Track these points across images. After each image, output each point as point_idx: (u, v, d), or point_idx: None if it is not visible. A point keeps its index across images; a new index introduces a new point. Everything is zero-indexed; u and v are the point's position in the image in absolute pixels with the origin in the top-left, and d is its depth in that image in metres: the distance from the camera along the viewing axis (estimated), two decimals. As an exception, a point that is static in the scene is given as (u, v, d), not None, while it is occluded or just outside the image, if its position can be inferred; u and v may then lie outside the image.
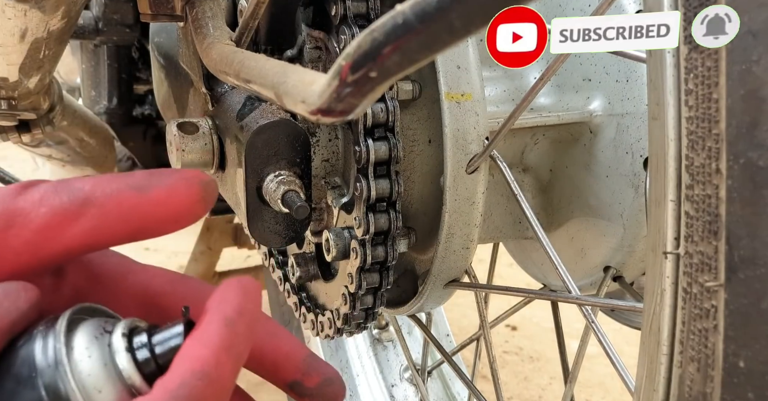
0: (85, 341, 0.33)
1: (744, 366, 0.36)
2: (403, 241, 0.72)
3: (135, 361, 0.33)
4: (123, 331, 0.34)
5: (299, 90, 0.36)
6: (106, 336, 0.34)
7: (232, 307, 0.33)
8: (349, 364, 1.24)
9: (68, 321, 0.34)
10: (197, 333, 0.33)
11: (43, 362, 0.32)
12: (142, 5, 0.66)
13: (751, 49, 0.34)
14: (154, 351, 0.34)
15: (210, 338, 0.32)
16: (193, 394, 0.31)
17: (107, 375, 0.33)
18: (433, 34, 0.26)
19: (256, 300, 0.35)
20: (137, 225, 0.36)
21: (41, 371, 0.32)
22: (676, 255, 0.39)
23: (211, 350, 0.32)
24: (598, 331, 0.63)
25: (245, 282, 0.35)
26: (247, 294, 0.34)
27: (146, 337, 0.34)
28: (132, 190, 0.35)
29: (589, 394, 1.65)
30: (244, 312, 0.34)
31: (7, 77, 0.79)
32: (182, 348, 0.33)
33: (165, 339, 0.34)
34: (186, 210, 0.36)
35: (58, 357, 0.32)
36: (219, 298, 0.34)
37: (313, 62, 0.69)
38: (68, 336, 0.33)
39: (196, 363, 0.32)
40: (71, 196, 0.35)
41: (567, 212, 0.79)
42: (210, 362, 0.32)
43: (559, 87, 0.77)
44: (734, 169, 0.35)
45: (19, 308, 0.33)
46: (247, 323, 0.34)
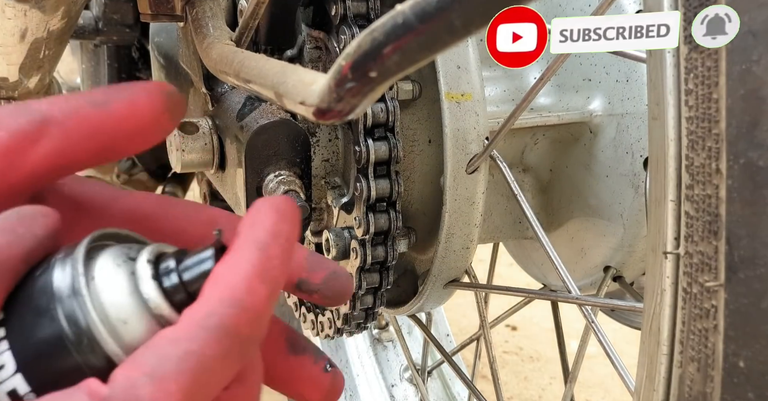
0: (106, 269, 0.31)
1: (744, 366, 0.36)
2: (403, 241, 0.72)
3: (162, 289, 0.31)
4: (148, 257, 0.31)
5: (299, 90, 0.36)
6: (130, 263, 0.31)
7: (264, 229, 0.31)
8: (349, 364, 1.24)
9: (87, 248, 0.31)
10: (227, 258, 0.30)
11: (61, 291, 0.30)
12: (142, 5, 0.66)
13: (751, 49, 0.34)
14: (183, 278, 0.31)
15: (241, 263, 0.30)
16: (224, 323, 0.29)
17: (132, 305, 0.30)
18: (433, 34, 0.26)
19: (291, 220, 0.32)
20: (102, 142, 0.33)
21: (60, 302, 0.29)
22: (676, 255, 0.39)
23: (242, 275, 0.30)
24: (598, 331, 0.63)
25: (279, 201, 0.32)
26: (281, 214, 0.32)
27: (174, 263, 0.31)
28: (92, 106, 0.33)
29: (589, 394, 1.65)
30: (279, 235, 0.31)
31: (7, 77, 0.79)
32: (211, 275, 0.30)
33: (194, 264, 0.31)
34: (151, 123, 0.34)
35: (76, 286, 0.30)
36: (250, 220, 0.32)
37: (313, 62, 0.69)
38: (88, 264, 0.31)
39: (225, 290, 0.29)
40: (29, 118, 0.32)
41: (567, 212, 0.79)
42: (241, 288, 0.29)
43: (559, 87, 0.77)
44: (734, 169, 0.35)
45: (35, 234, 0.31)
46: (282, 245, 0.31)
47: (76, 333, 0.29)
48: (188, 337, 0.29)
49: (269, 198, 0.33)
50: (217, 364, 0.29)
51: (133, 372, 0.28)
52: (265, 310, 0.30)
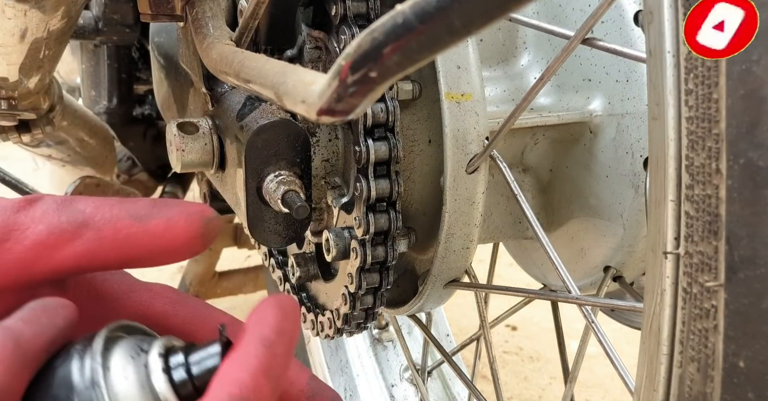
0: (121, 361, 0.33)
1: (744, 366, 0.36)
2: (403, 241, 0.72)
3: (171, 382, 0.33)
4: (159, 351, 0.34)
5: (299, 90, 0.36)
6: (143, 356, 0.34)
7: (270, 327, 0.33)
8: (349, 364, 1.24)
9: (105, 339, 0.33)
10: (235, 355, 0.32)
11: (80, 383, 0.32)
12: (142, 5, 0.66)
13: (751, 49, 0.34)
14: (191, 372, 0.33)
15: (248, 360, 0.32)
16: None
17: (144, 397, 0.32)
18: (433, 34, 0.26)
19: (294, 319, 0.34)
20: (132, 254, 0.36)
21: (79, 392, 0.32)
22: (676, 255, 0.39)
23: (250, 373, 0.31)
24: (598, 331, 0.63)
25: (283, 300, 0.34)
26: (285, 313, 0.34)
27: (182, 358, 0.34)
28: (131, 218, 0.35)
29: (589, 394, 1.65)
30: (283, 333, 0.33)
31: (7, 77, 0.79)
32: (220, 370, 0.32)
33: (202, 359, 0.33)
34: (183, 246, 0.36)
35: (95, 378, 0.32)
36: (257, 317, 0.34)
37: (313, 62, 0.69)
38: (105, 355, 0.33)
39: (234, 386, 0.31)
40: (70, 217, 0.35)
41: (567, 212, 0.79)
42: (248, 386, 0.31)
43: (559, 87, 0.77)
44: (734, 169, 0.35)
45: (56, 325, 0.33)
46: (286, 343, 0.33)
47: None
48: None
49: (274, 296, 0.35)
50: None
51: None
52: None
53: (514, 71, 0.80)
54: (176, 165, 0.70)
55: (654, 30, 0.39)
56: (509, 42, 0.80)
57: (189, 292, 1.69)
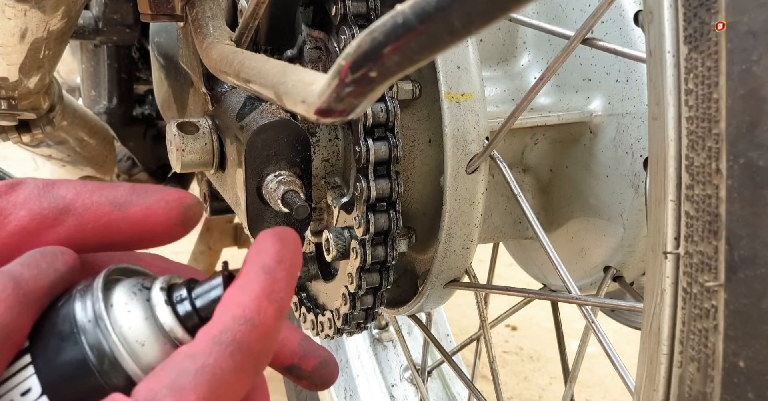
0: (123, 297, 0.34)
1: (744, 366, 0.36)
2: (403, 241, 0.72)
3: (176, 314, 0.34)
4: (161, 286, 0.34)
5: (299, 90, 0.36)
6: (145, 292, 0.34)
7: (269, 256, 0.34)
8: (349, 364, 1.24)
9: (105, 279, 0.34)
10: (237, 283, 0.33)
11: (83, 318, 0.32)
12: (142, 5, 0.66)
13: (751, 49, 0.34)
14: (195, 305, 0.34)
15: (250, 285, 0.33)
16: (237, 339, 0.31)
17: (149, 329, 0.33)
18: (433, 34, 0.26)
19: (294, 247, 0.35)
20: (112, 239, 0.36)
21: (82, 327, 0.32)
22: (676, 255, 0.39)
23: (252, 296, 0.32)
24: (598, 331, 0.63)
25: (281, 231, 0.35)
26: (284, 242, 0.35)
27: (186, 291, 0.34)
28: (111, 205, 0.36)
29: (589, 394, 1.65)
30: (283, 260, 0.34)
31: (7, 77, 0.79)
32: (223, 298, 0.33)
33: (205, 291, 0.34)
34: (163, 232, 0.37)
35: (97, 312, 0.32)
36: (256, 249, 0.35)
37: (313, 62, 0.69)
38: (106, 293, 0.34)
39: (237, 309, 0.32)
40: (52, 203, 0.35)
41: (567, 212, 0.79)
42: (251, 307, 0.32)
43: (559, 87, 0.77)
44: (734, 169, 0.35)
45: (57, 269, 0.34)
46: (287, 270, 0.34)
47: (98, 356, 0.32)
48: (204, 352, 0.31)
49: (273, 228, 0.36)
50: (232, 377, 0.31)
51: (154, 385, 0.30)
52: (274, 327, 0.33)
53: (514, 71, 0.80)
54: (176, 165, 0.70)
55: (654, 30, 0.39)
56: (509, 42, 0.80)
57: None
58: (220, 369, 0.31)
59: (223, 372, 0.31)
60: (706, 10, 0.35)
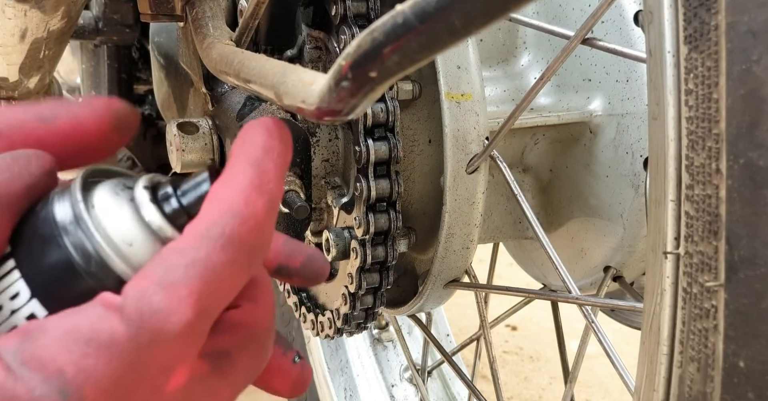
0: (105, 197, 0.32)
1: (744, 366, 0.36)
2: (403, 241, 0.72)
3: (163, 213, 0.32)
4: (145, 184, 0.33)
5: (299, 90, 0.36)
6: (128, 191, 0.32)
7: (255, 146, 0.33)
8: (349, 364, 1.24)
9: (83, 181, 0.32)
10: (222, 177, 0.32)
11: (64, 219, 0.31)
12: (142, 5, 0.66)
13: (751, 49, 0.34)
14: (182, 202, 0.32)
15: (236, 178, 0.31)
16: (226, 232, 0.30)
17: (135, 228, 0.31)
18: (433, 34, 0.26)
19: (281, 137, 0.34)
20: None
21: (63, 228, 0.31)
22: (676, 255, 0.39)
23: (239, 188, 0.31)
24: (598, 331, 0.63)
25: (267, 121, 0.34)
26: (270, 132, 0.33)
27: (171, 189, 0.33)
28: (37, 120, 0.34)
29: (589, 394, 1.65)
30: (270, 150, 0.33)
31: (7, 77, 0.79)
32: (208, 194, 0.32)
33: (191, 187, 0.33)
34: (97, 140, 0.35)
35: (77, 213, 0.31)
36: (241, 141, 0.33)
37: (313, 62, 0.69)
38: (85, 194, 0.32)
39: (224, 203, 0.31)
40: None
41: (567, 212, 0.79)
42: (239, 200, 0.31)
43: (559, 87, 0.77)
44: (734, 169, 0.35)
45: (31, 173, 0.32)
46: (275, 160, 0.33)
47: (83, 257, 0.30)
48: (193, 247, 0.30)
49: (258, 119, 0.34)
50: (225, 270, 0.30)
51: (143, 283, 0.29)
52: (265, 220, 0.31)
53: (514, 71, 0.80)
54: (176, 165, 0.70)
55: (654, 30, 0.39)
56: (509, 42, 0.80)
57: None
58: (211, 262, 0.30)
59: (215, 266, 0.30)
60: (706, 10, 0.35)
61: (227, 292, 0.31)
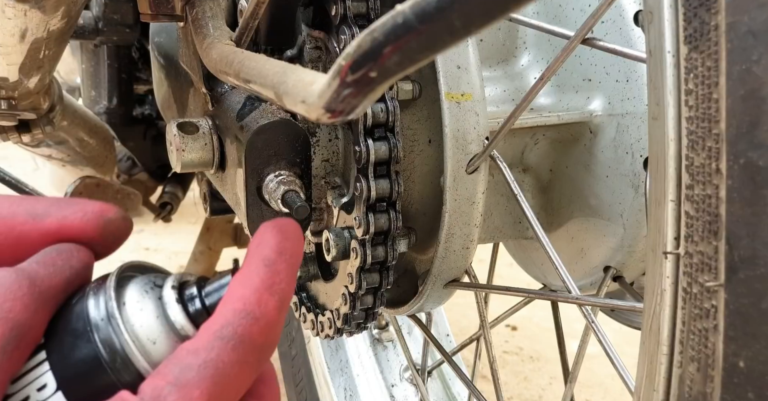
0: (136, 295, 0.34)
1: (744, 366, 0.36)
2: (403, 241, 0.72)
3: (187, 312, 0.34)
4: (173, 284, 0.35)
5: (299, 90, 0.36)
6: (157, 290, 0.35)
7: (270, 248, 0.34)
8: (349, 364, 1.24)
9: (117, 277, 0.35)
10: (238, 276, 0.34)
11: (96, 316, 0.33)
12: (142, 5, 0.66)
13: (751, 49, 0.34)
14: (205, 303, 0.35)
15: (250, 278, 0.33)
16: (238, 332, 0.32)
17: (160, 327, 0.34)
18: (433, 34, 0.26)
19: (295, 238, 0.36)
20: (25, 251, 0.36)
21: (95, 325, 0.33)
22: (676, 255, 0.39)
23: (251, 289, 0.33)
24: (598, 331, 0.63)
25: (282, 222, 0.36)
26: (284, 233, 0.35)
27: (196, 289, 0.35)
28: (27, 215, 0.36)
29: (589, 394, 1.65)
30: (284, 252, 0.35)
31: (7, 77, 0.79)
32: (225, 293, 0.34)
33: (215, 289, 0.35)
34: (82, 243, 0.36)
35: (110, 311, 0.33)
36: (257, 241, 0.35)
37: (313, 62, 0.69)
38: (119, 291, 0.34)
39: (237, 302, 0.32)
40: None
41: (567, 212, 0.79)
42: (251, 301, 0.33)
43: (559, 87, 0.77)
44: (734, 169, 0.35)
45: (72, 267, 0.34)
46: (288, 261, 0.34)
47: (110, 353, 0.33)
48: (206, 347, 0.32)
49: (274, 220, 0.36)
50: (235, 370, 0.32)
51: (159, 382, 0.31)
52: (275, 320, 0.33)
53: (514, 71, 0.80)
54: (176, 165, 0.70)
55: (654, 30, 0.39)
56: (509, 42, 0.80)
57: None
58: (222, 363, 0.31)
59: (225, 366, 0.31)
60: (706, 10, 0.35)
61: (236, 391, 0.33)
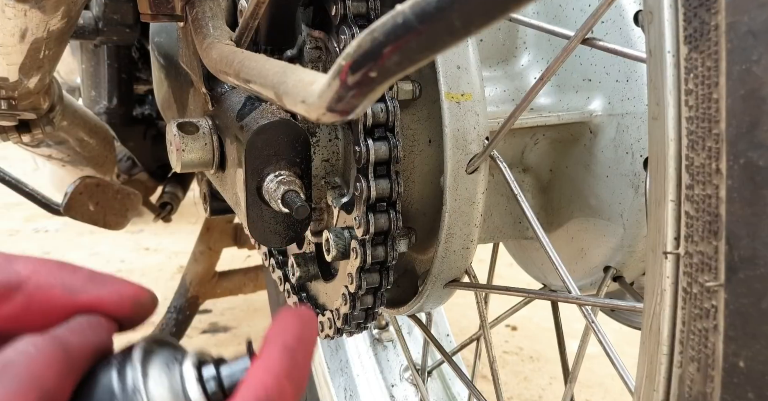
0: (159, 370, 0.36)
1: (744, 366, 0.36)
2: (403, 241, 0.72)
3: (205, 392, 0.36)
4: (193, 362, 0.36)
5: (299, 90, 0.36)
6: (177, 367, 0.36)
7: (291, 335, 0.36)
8: (349, 364, 1.24)
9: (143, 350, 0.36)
10: (260, 361, 0.35)
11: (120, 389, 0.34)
12: (142, 5, 0.66)
13: (751, 49, 0.34)
14: (222, 383, 0.36)
15: (272, 365, 0.34)
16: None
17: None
18: (433, 34, 0.26)
19: (312, 327, 0.37)
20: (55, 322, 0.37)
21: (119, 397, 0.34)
22: (676, 255, 0.39)
23: (274, 376, 0.34)
24: (598, 331, 0.63)
25: (303, 312, 0.37)
26: (303, 322, 0.37)
27: (214, 369, 0.36)
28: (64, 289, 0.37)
29: (589, 394, 1.65)
30: (303, 340, 0.36)
31: (7, 77, 0.79)
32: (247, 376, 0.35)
33: (232, 371, 0.36)
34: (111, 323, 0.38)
35: (135, 385, 0.34)
36: (279, 327, 0.36)
37: (313, 62, 0.69)
38: (144, 364, 0.35)
39: (260, 389, 0.34)
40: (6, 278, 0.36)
41: (567, 212, 0.79)
42: (273, 388, 0.34)
43: (559, 87, 0.77)
44: (734, 169, 0.35)
45: (99, 336, 0.36)
46: (305, 350, 0.36)
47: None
48: None
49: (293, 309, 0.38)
50: None
51: None
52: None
53: (514, 71, 0.80)
54: (176, 165, 0.70)
55: (654, 30, 0.39)
56: (509, 42, 0.80)
57: (189, 292, 1.69)
58: None
59: None
60: (706, 10, 0.35)
61: None
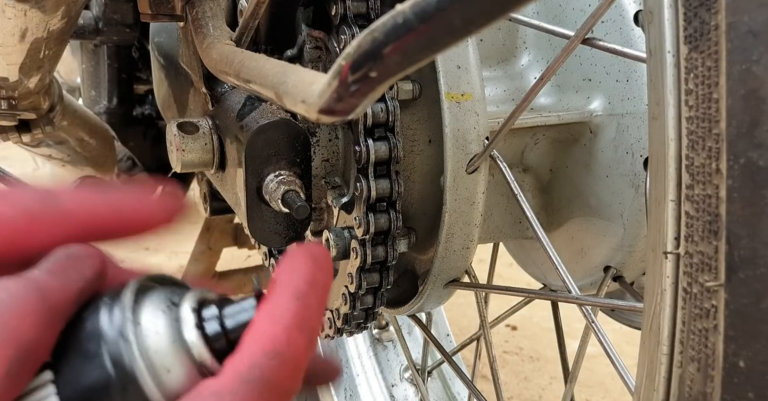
0: (152, 315, 0.32)
1: (744, 366, 0.36)
2: (403, 241, 0.72)
3: (204, 336, 0.32)
4: (192, 304, 0.32)
5: (299, 90, 0.36)
6: (174, 310, 0.32)
7: (302, 279, 0.32)
8: (349, 364, 1.24)
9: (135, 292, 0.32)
10: (268, 308, 0.31)
11: (110, 337, 0.31)
12: (142, 5, 0.66)
13: (751, 49, 0.34)
14: (225, 326, 0.32)
15: (281, 313, 0.31)
16: (266, 376, 0.30)
17: (176, 353, 0.31)
18: (433, 33, 0.26)
19: (326, 268, 0.33)
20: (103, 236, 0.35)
21: (108, 348, 0.30)
22: (676, 255, 0.39)
23: (283, 326, 0.31)
24: (598, 331, 0.63)
25: (314, 250, 0.33)
26: (316, 262, 0.33)
27: (216, 311, 0.32)
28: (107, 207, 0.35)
29: (589, 394, 1.65)
30: (315, 283, 0.32)
31: (7, 77, 0.79)
32: (252, 325, 0.31)
33: (236, 312, 0.32)
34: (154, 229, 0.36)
35: (125, 333, 0.31)
36: (288, 269, 0.33)
37: (313, 62, 0.69)
38: (135, 309, 0.31)
39: (267, 342, 0.30)
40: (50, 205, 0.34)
41: (567, 212, 0.79)
42: (282, 340, 0.30)
43: (559, 87, 0.77)
44: (734, 169, 0.35)
45: (84, 276, 0.32)
46: (318, 295, 0.32)
47: (121, 380, 0.30)
48: (231, 390, 0.29)
49: (305, 245, 0.34)
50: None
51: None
52: (303, 361, 0.31)
53: (514, 71, 0.80)
54: (176, 165, 0.70)
55: (654, 30, 0.39)
56: (509, 42, 0.80)
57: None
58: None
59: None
60: (706, 10, 0.35)
61: None
